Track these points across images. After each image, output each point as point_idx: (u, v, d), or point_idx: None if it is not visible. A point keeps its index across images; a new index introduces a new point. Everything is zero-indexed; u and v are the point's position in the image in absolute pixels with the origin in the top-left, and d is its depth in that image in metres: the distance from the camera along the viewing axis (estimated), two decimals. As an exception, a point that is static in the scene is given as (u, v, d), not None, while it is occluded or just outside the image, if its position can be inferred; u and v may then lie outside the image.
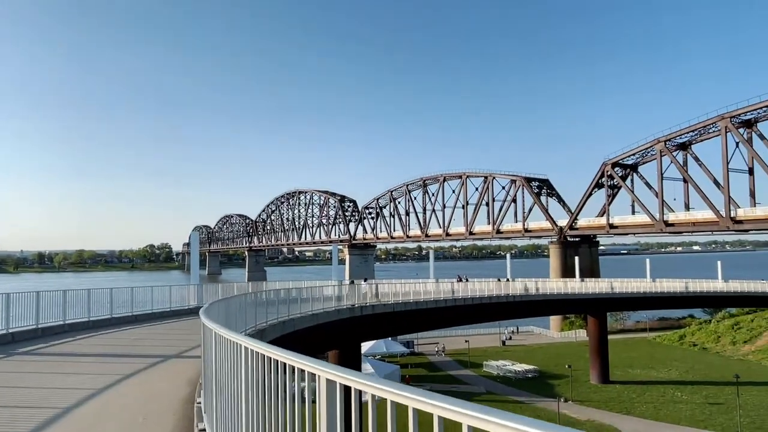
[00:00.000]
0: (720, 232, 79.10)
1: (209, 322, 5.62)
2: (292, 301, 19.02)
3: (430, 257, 48.65)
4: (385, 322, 27.23)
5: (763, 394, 47.31)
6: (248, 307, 14.00)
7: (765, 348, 64.37)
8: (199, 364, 10.68)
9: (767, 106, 70.45)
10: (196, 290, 24.67)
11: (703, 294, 60.41)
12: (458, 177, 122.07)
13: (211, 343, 5.52)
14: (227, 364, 4.42)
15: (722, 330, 73.12)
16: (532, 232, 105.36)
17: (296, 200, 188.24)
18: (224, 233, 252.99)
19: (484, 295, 35.19)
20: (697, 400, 45.94)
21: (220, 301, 11.27)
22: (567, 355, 67.10)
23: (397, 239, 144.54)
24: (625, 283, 54.81)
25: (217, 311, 9.28)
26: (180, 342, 15.02)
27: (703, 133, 79.47)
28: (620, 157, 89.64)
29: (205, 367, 6.43)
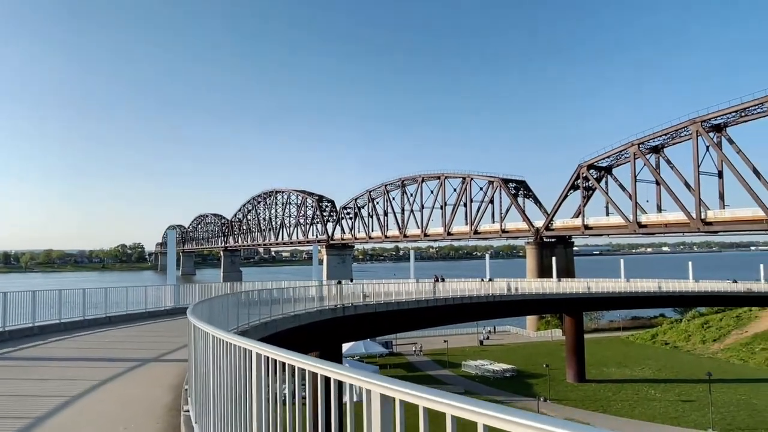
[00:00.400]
0: (690, 234, 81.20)
1: (205, 325, 5.23)
2: (274, 301, 18.59)
3: (410, 257, 48.49)
4: (366, 322, 26.95)
5: (733, 392, 48.61)
6: (230, 308, 13.55)
7: (733, 346, 66.32)
8: (181, 368, 10.23)
9: (736, 111, 72.61)
10: (172, 291, 23.95)
11: (675, 294, 61.86)
12: (436, 178, 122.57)
13: (204, 348, 5.15)
14: (229, 370, 4.08)
15: (692, 329, 75.07)
16: (509, 233, 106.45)
17: (273, 200, 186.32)
18: (199, 233, 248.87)
19: (465, 295, 35.23)
20: (671, 398, 46.93)
21: (203, 302, 10.82)
22: (543, 354, 67.87)
23: (376, 239, 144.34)
24: (601, 283, 55.74)
25: (200, 313, 8.83)
26: (158, 345, 14.45)
27: (675, 136, 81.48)
28: (595, 160, 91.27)
29: (195, 373, 6.03)
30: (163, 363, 11.67)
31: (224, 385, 4.22)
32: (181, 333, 16.54)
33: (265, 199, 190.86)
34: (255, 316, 16.47)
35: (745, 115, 72.83)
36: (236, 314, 13.98)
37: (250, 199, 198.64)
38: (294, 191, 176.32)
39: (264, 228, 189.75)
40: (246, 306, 15.33)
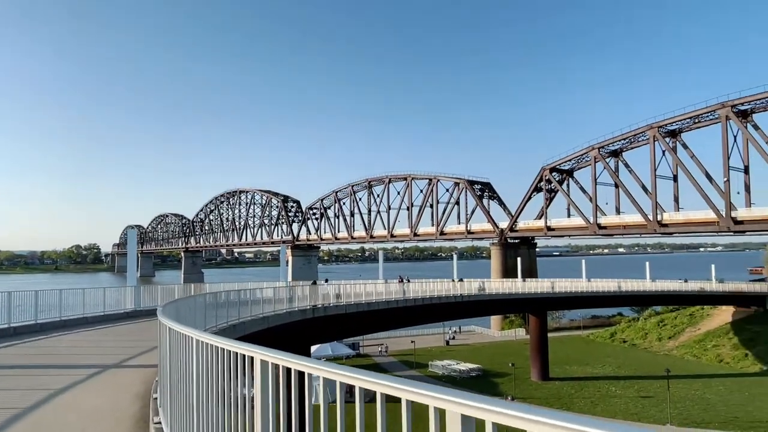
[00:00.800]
0: (647, 235, 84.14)
1: (187, 329, 4.75)
2: (242, 303, 17.95)
3: (379, 258, 48.25)
4: (336, 324, 26.50)
5: (687, 387, 50.54)
6: (198, 310, 12.90)
7: (687, 344, 69.03)
8: (147, 374, 9.60)
9: (690, 117, 75.72)
10: (133, 293, 22.84)
11: (634, 293, 63.91)
12: (403, 179, 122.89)
13: (183, 353, 4.69)
14: (212, 378, 3.66)
15: (649, 327, 77.73)
16: (474, 234, 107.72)
17: (237, 200, 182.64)
18: (158, 233, 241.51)
19: (434, 296, 35.23)
20: (630, 394, 48.38)
21: (170, 304, 10.21)
22: (508, 353, 68.84)
23: (342, 240, 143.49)
24: (564, 283, 56.95)
25: (168, 315, 8.27)
26: (120, 349, 13.64)
27: (633, 141, 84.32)
28: (558, 163, 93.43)
29: (168, 381, 5.53)
30: (126, 369, 10.95)
31: (211, 395, 3.81)
32: (144, 337, 15.72)
33: (229, 199, 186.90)
34: (223, 318, 15.82)
35: (698, 122, 76.07)
36: (203, 316, 13.34)
37: (213, 199, 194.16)
38: (258, 191, 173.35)
39: (227, 228, 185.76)
40: (214, 308, 14.68)
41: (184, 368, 4.62)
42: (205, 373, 3.93)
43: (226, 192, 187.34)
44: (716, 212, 70.57)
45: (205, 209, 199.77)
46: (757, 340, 62.82)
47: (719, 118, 71.83)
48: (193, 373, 4.25)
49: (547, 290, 51.76)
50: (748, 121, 70.61)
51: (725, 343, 64.96)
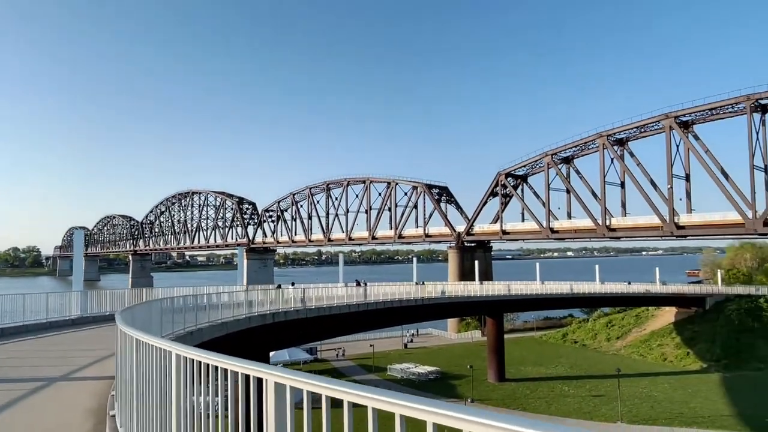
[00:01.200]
0: (596, 239, 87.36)
1: (162, 341, 4.25)
2: (200, 308, 17.11)
3: (339, 261, 47.63)
4: (297, 329, 25.82)
5: (635, 385, 52.55)
6: (154, 316, 12.13)
7: (633, 343, 71.96)
8: (100, 387, 8.86)
9: (637, 127, 79.22)
10: (79, 298, 21.42)
11: (585, 295, 66.02)
12: (362, 182, 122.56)
13: (153, 366, 4.19)
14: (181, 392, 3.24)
15: (598, 328, 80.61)
16: (432, 237, 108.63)
17: (189, 201, 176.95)
18: (104, 236, 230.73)
19: (396, 299, 35.07)
20: (583, 394, 49.85)
21: (127, 310, 9.48)
22: (465, 355, 69.65)
23: (299, 243, 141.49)
24: (520, 286, 58.16)
25: (126, 322, 7.63)
26: (66, 359, 12.62)
27: (584, 148, 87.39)
28: (513, 168, 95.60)
29: (133, 396, 4.99)
30: (75, 382, 10.07)
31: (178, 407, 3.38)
32: (94, 345, 14.68)
33: (180, 200, 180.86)
34: (180, 324, 14.99)
35: (644, 131, 79.70)
36: (160, 323, 12.55)
37: (164, 200, 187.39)
38: (212, 192, 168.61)
39: (178, 231, 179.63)
40: (170, 313, 13.87)
41: (150, 380, 4.15)
42: (175, 387, 3.50)
43: (178, 193, 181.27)
44: (660, 218, 74.07)
45: (155, 210, 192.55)
46: (697, 339, 66.24)
47: (663, 128, 75.50)
48: (158, 386, 3.80)
49: (504, 293, 52.68)
50: (689, 131, 74.61)
51: (669, 343, 68.16)
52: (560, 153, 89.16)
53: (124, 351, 5.56)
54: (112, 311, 23.11)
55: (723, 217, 70.17)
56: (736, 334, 64.94)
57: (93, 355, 12.26)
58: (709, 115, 73.02)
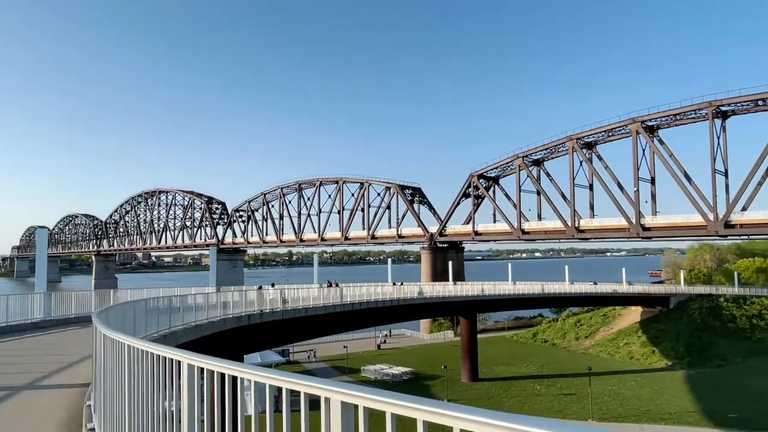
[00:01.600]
0: (566, 240, 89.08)
1: (171, 350, 3.85)
2: (174, 310, 16.42)
3: (314, 262, 47.00)
4: (272, 331, 25.21)
5: (604, 383, 53.57)
6: (128, 319, 11.50)
7: (601, 342, 73.58)
8: (70, 396, 8.27)
9: (605, 131, 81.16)
10: (42, 300, 20.32)
11: (556, 295, 67.20)
12: (335, 182, 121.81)
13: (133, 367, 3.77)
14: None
15: (567, 327, 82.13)
16: (405, 238, 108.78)
17: (156, 200, 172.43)
18: (66, 235, 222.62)
19: (376, 299, 34.74)
20: (554, 392, 50.60)
21: (100, 312, 8.89)
22: (438, 355, 69.86)
23: (270, 244, 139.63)
24: (494, 286, 58.69)
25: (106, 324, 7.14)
26: (32, 366, 11.82)
27: (554, 151, 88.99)
28: (485, 170, 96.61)
29: (108, 408, 4.55)
30: (43, 390, 9.38)
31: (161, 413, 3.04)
32: (60, 350, 13.84)
33: (147, 199, 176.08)
34: (153, 327, 14.32)
35: (612, 135, 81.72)
36: (133, 326, 11.92)
37: (129, 199, 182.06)
38: (180, 191, 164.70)
39: (144, 231, 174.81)
40: (144, 316, 13.22)
41: (143, 390, 3.75)
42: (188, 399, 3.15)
43: (144, 192, 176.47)
44: (627, 219, 76.05)
45: (120, 210, 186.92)
46: (662, 337, 68.19)
47: (630, 132, 77.57)
48: (149, 396, 3.44)
49: (478, 293, 53.02)
50: (655, 136, 76.89)
51: (635, 341, 69.94)
52: (531, 155, 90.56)
53: (109, 357, 5.11)
54: (77, 314, 22.07)
55: (686, 220, 72.60)
56: (698, 332, 67.14)
57: (62, 360, 11.53)
58: (673, 121, 75.41)
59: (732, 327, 68.72)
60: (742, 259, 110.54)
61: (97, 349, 5.93)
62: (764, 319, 69.23)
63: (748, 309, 71.92)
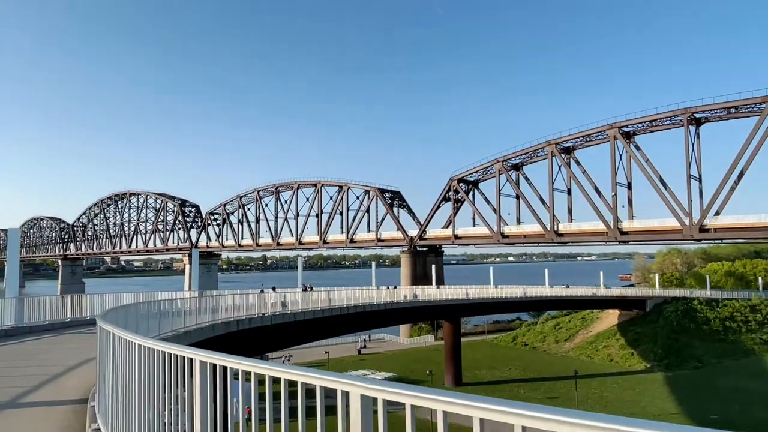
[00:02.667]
0: (545, 244, 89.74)
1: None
2: (163, 315, 15.26)
3: (298, 265, 45.83)
4: (261, 336, 24.08)
5: (586, 386, 53.78)
6: (119, 323, 10.39)
7: (581, 345, 74.18)
8: (58, 415, 7.22)
9: (582, 136, 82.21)
10: (13, 306, 18.77)
11: (538, 298, 67.37)
12: (313, 185, 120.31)
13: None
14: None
15: (547, 331, 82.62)
16: (384, 242, 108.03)
17: (126, 203, 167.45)
18: (31, 239, 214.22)
19: (366, 303, 33.83)
20: (538, 396, 50.45)
21: (110, 312, 7.88)
22: (420, 360, 69.27)
23: (246, 248, 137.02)
24: (479, 290, 58.43)
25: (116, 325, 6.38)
26: (10, 380, 10.55)
27: (533, 156, 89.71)
28: (465, 174, 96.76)
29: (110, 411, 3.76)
30: (30, 409, 8.22)
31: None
32: (42, 360, 12.51)
33: (117, 202, 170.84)
34: (142, 333, 13.15)
35: (590, 141, 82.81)
36: (135, 328, 10.80)
37: (98, 202, 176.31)
38: (152, 194, 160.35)
39: (114, 234, 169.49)
40: (135, 322, 12.10)
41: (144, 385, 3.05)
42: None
43: (114, 194, 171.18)
44: (605, 224, 77.02)
45: (88, 213, 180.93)
46: (640, 340, 69.11)
47: (608, 137, 78.70)
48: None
49: (463, 297, 52.61)
50: (631, 141, 78.20)
51: (614, 344, 70.71)
52: (511, 160, 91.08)
53: (120, 358, 4.51)
54: (52, 321, 20.55)
55: (662, 224, 73.89)
56: (675, 334, 68.28)
57: (45, 372, 10.34)
58: (649, 127, 76.83)
59: (706, 329, 70.17)
60: (711, 263, 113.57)
61: (104, 350, 5.89)
62: (736, 321, 70.92)
63: (720, 311, 73.60)
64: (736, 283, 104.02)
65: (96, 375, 6.52)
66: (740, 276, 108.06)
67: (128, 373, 5.01)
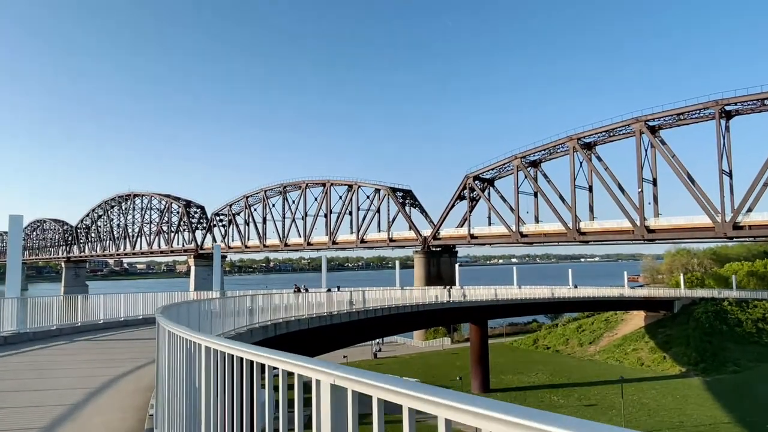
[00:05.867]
0: (566, 243, 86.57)
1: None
2: (214, 315, 12.37)
3: (322, 265, 42.87)
4: (295, 342, 21.13)
5: (614, 392, 50.57)
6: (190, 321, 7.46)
7: (608, 348, 70.96)
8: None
9: (606, 130, 79.14)
10: (15, 309, 15.85)
11: (565, 299, 64.15)
12: (321, 184, 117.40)
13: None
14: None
15: (569, 333, 79.42)
16: (396, 242, 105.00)
17: (131, 204, 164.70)
18: (34, 241, 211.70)
19: (392, 305, 30.90)
20: (574, 403, 47.34)
21: (164, 310, 4.98)
22: (440, 364, 66.30)
23: (253, 249, 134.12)
24: (505, 291, 55.35)
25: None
26: (14, 415, 7.52)
27: (553, 152, 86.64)
28: (481, 171, 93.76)
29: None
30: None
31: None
32: (51, 382, 9.40)
33: (121, 203, 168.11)
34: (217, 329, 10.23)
35: (613, 135, 79.74)
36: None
37: (102, 203, 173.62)
38: (156, 195, 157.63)
39: (118, 236, 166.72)
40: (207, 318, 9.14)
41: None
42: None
43: (118, 195, 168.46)
44: (631, 222, 73.88)
45: (91, 214, 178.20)
46: (671, 342, 65.89)
47: (633, 132, 75.62)
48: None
49: (491, 298, 49.54)
50: (656, 136, 75.10)
51: (643, 347, 67.51)
52: (529, 156, 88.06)
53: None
54: (61, 325, 17.61)
55: (689, 221, 70.72)
56: (707, 337, 65.11)
57: (56, 401, 7.37)
58: (676, 120, 73.74)
59: (739, 331, 67.08)
60: (731, 263, 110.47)
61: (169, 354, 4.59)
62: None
63: (752, 312, 70.57)
64: (758, 283, 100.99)
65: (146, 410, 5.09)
66: (762, 276, 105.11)
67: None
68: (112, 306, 20.94)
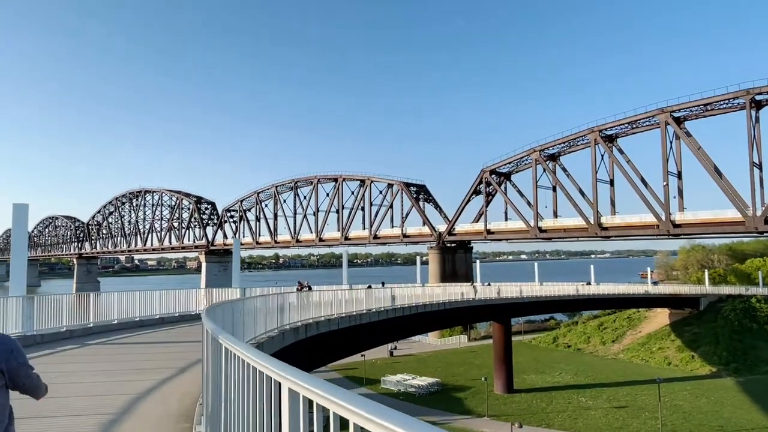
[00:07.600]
0: (586, 239, 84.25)
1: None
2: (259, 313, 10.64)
3: (343, 262, 41.14)
4: (324, 344, 19.48)
5: (653, 393, 48.36)
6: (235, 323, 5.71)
7: (632, 347, 68.70)
8: None
9: (629, 123, 76.59)
10: (19, 308, 14.29)
11: (590, 296, 61.97)
12: (333, 179, 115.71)
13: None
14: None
15: (590, 331, 77.18)
16: (410, 238, 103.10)
17: (142, 201, 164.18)
18: (46, 238, 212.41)
19: (419, 303, 29.14)
20: (603, 405, 45.32)
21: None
22: (459, 363, 64.52)
23: (264, 245, 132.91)
24: (529, 288, 53.34)
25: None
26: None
27: (573, 145, 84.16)
28: (498, 165, 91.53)
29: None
30: None
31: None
32: (60, 402, 7.66)
33: (132, 199, 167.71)
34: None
35: (636, 127, 77.16)
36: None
37: (113, 200, 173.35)
38: (167, 191, 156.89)
39: (129, 233, 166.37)
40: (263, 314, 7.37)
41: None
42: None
43: (129, 192, 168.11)
44: (656, 216, 71.38)
45: (103, 211, 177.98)
46: (699, 341, 63.54)
47: (658, 123, 73.02)
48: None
49: (516, 295, 47.56)
50: (681, 128, 72.45)
51: (669, 346, 65.22)
52: (548, 149, 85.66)
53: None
54: (71, 327, 16.00)
55: (718, 215, 68.14)
56: (737, 335, 62.70)
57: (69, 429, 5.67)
58: (702, 111, 71.03)
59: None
60: (752, 259, 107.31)
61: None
62: (802, 320, 65.14)
63: (782, 310, 67.93)
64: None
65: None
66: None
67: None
68: (127, 304, 19.35)
